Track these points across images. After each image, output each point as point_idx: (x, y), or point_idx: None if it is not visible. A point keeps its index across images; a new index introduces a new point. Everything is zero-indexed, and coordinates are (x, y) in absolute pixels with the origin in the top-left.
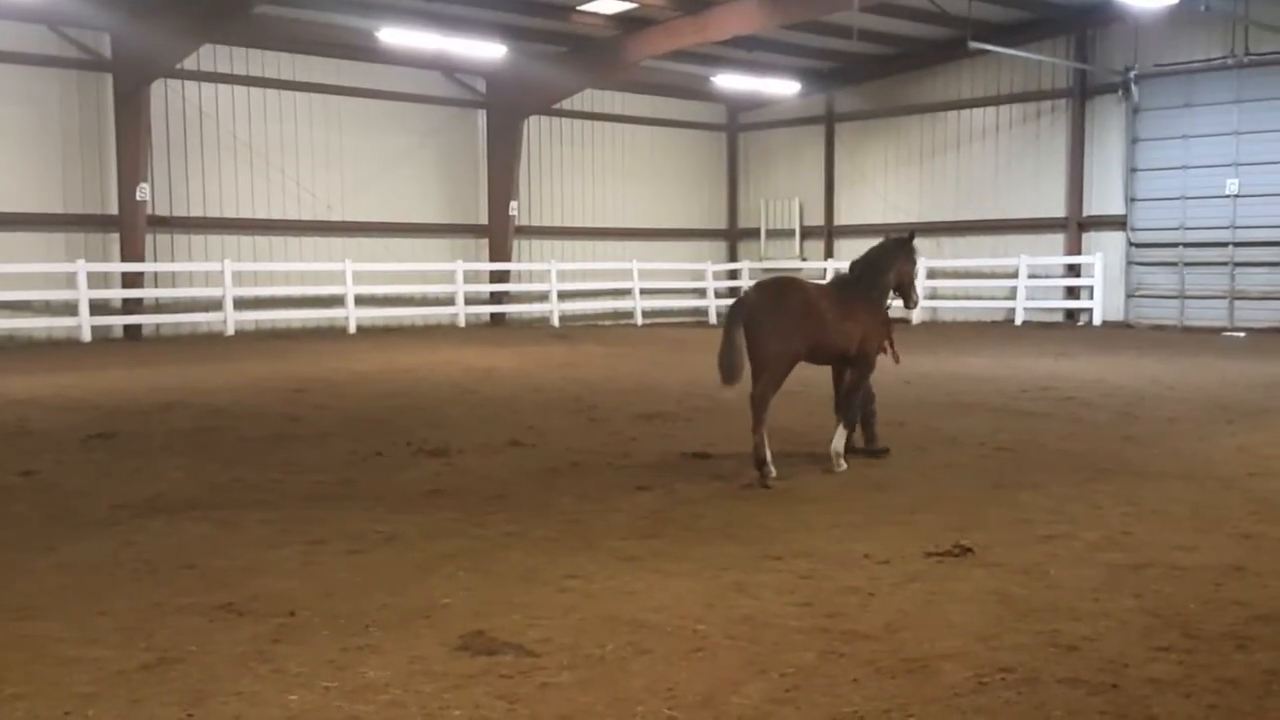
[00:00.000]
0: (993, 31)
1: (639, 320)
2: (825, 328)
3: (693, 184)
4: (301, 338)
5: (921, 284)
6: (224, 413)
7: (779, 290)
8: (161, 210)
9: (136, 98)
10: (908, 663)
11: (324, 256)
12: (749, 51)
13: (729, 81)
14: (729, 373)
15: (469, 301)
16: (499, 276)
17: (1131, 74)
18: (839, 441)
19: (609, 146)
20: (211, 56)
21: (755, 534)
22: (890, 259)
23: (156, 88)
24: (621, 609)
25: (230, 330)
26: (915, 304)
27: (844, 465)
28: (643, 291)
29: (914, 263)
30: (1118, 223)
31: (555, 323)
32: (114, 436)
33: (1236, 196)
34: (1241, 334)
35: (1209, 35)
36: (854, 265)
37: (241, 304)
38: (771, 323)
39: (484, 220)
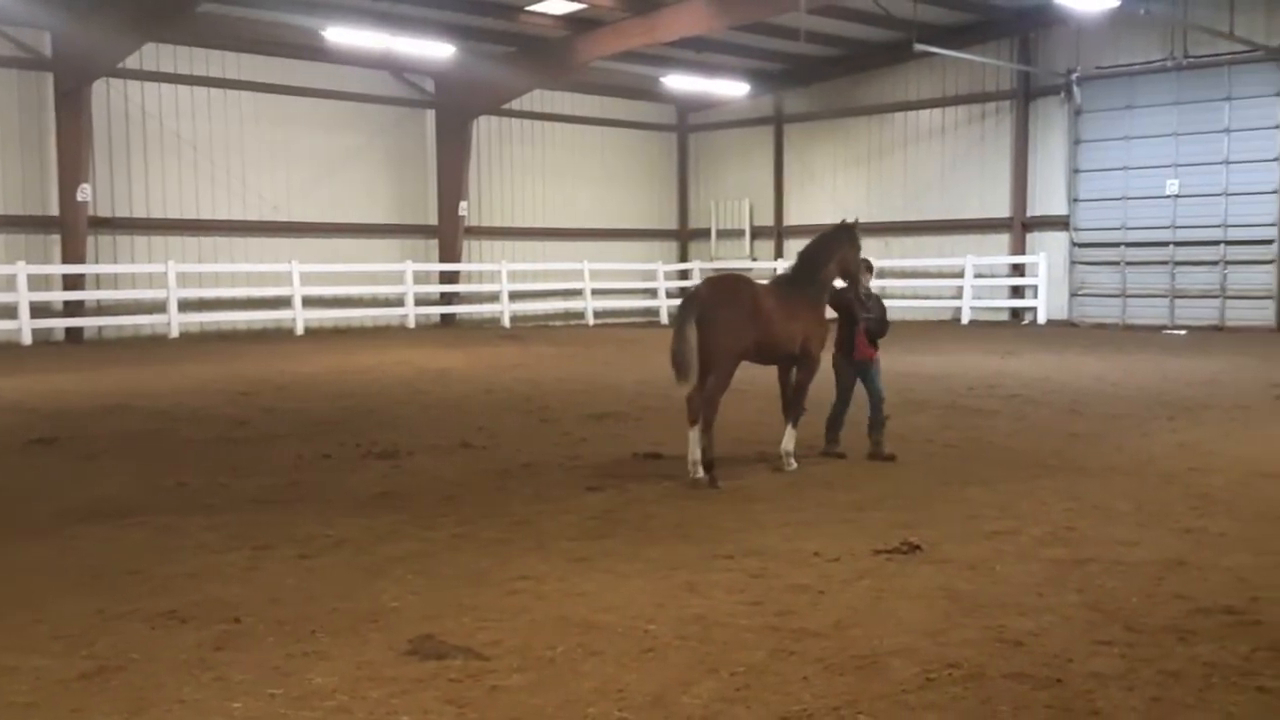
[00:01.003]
0: (938, 34)
1: (590, 320)
2: (773, 326)
3: (643, 184)
4: (248, 340)
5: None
6: (168, 416)
7: (731, 285)
8: (103, 211)
9: (77, 97)
10: (857, 660)
11: (270, 257)
12: (698, 52)
13: (678, 82)
14: (683, 369)
15: (419, 302)
16: (449, 277)
17: (1073, 76)
18: (788, 441)
19: (559, 147)
20: (155, 55)
21: (706, 533)
22: (829, 250)
23: (98, 87)
24: (572, 610)
25: (174, 332)
26: (866, 289)
27: (794, 464)
28: (594, 292)
29: (858, 248)
30: (1061, 223)
31: (506, 323)
32: (56, 441)
33: (1176, 197)
34: (1182, 332)
35: (1149, 38)
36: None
37: (186, 306)
38: (724, 317)
39: (433, 221)
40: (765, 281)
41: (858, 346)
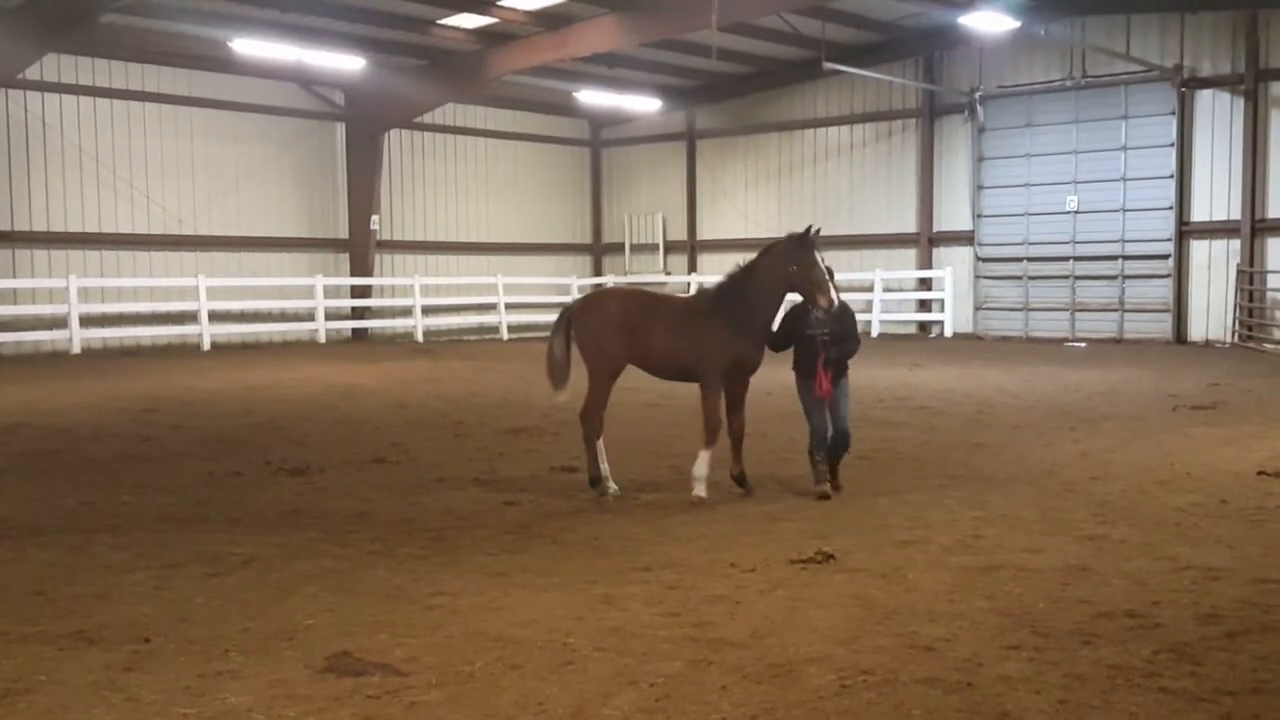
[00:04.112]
0: (846, 53)
1: (504, 335)
2: (647, 339)
3: (557, 199)
4: (152, 355)
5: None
6: (70, 434)
7: (599, 299)
8: (2, 225)
9: None
10: (773, 668)
11: (175, 271)
12: (610, 68)
13: (591, 97)
14: (555, 379)
15: (329, 317)
16: (360, 291)
17: (976, 95)
18: (697, 466)
19: (472, 161)
20: (56, 66)
21: (622, 546)
22: (762, 266)
23: None
24: (490, 625)
25: (76, 348)
26: (831, 304)
27: (702, 493)
28: (508, 306)
29: (811, 264)
30: (966, 238)
31: (419, 338)
32: None
33: (1076, 213)
34: (1082, 344)
35: (1048, 58)
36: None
37: (88, 321)
38: (590, 332)
39: (344, 234)
40: (687, 294)
41: (819, 383)
